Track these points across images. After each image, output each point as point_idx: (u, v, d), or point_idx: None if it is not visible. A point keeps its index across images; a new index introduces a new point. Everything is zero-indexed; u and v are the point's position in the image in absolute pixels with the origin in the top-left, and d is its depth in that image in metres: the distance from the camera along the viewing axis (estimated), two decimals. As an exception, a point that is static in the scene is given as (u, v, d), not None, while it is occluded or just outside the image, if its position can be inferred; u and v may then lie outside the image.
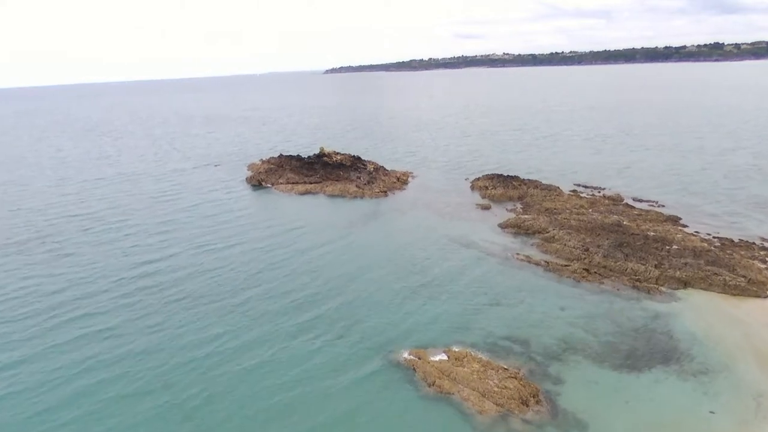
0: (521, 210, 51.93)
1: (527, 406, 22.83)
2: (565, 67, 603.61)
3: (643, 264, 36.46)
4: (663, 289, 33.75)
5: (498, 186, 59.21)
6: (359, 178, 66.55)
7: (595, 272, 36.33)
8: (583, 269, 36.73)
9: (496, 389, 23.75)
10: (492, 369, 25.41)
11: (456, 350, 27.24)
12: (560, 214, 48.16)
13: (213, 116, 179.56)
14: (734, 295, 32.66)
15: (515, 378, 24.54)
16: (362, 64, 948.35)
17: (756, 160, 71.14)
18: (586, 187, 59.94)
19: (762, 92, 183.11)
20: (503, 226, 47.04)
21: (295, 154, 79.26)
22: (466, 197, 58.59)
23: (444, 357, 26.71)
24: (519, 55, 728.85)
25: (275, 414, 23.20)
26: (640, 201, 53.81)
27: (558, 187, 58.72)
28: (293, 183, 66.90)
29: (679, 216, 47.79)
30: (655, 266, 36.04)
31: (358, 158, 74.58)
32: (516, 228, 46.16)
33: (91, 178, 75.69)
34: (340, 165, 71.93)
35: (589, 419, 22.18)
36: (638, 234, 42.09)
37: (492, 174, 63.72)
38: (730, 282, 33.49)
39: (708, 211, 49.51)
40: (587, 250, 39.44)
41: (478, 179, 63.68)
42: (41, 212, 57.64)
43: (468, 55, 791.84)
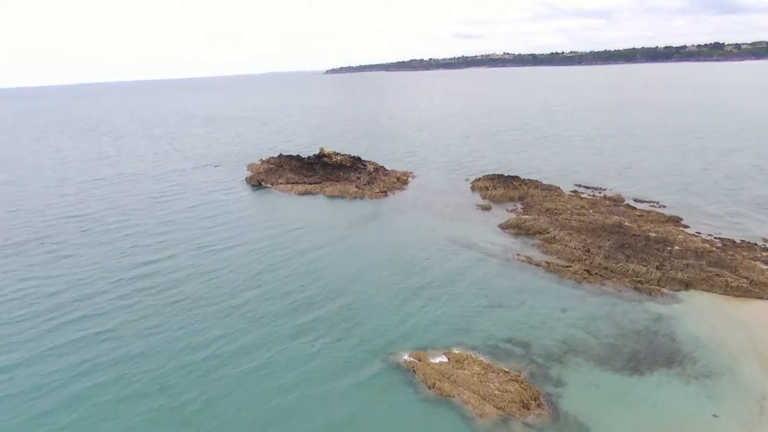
0: (522, 210, 51.72)
1: (528, 410, 22.63)
2: (566, 67, 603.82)
3: (645, 265, 36.25)
4: (665, 291, 33.54)
5: (498, 186, 58.99)
6: (359, 179, 66.33)
7: (597, 273, 36.14)
8: (585, 270, 36.54)
9: (497, 392, 23.53)
10: (493, 371, 25.20)
11: (456, 352, 27.02)
12: (561, 215, 47.95)
13: (213, 116, 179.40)
14: (736, 297, 32.47)
15: (516, 381, 24.33)
16: (362, 64, 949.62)
17: (758, 161, 70.90)
18: (587, 188, 59.73)
19: (762, 92, 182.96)
20: (504, 227, 46.84)
21: (295, 155, 79.06)
22: (467, 198, 58.38)
23: (444, 359, 26.49)
24: (519, 55, 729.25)
25: (274, 418, 22.99)
26: (642, 201, 53.60)
27: (559, 188, 58.50)
28: (293, 183, 66.70)
29: (681, 217, 47.60)
30: (657, 267, 35.82)
31: (358, 158, 74.38)
32: (516, 229, 45.96)
33: (91, 179, 75.48)
34: (340, 165, 71.71)
35: (591, 423, 21.97)
36: (639, 235, 41.88)
37: (492, 174, 63.48)
38: (733, 283, 33.29)
39: (710, 212, 49.29)
40: (588, 251, 39.23)
41: (479, 179, 63.46)
42: (40, 213, 57.45)
43: (468, 55, 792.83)
